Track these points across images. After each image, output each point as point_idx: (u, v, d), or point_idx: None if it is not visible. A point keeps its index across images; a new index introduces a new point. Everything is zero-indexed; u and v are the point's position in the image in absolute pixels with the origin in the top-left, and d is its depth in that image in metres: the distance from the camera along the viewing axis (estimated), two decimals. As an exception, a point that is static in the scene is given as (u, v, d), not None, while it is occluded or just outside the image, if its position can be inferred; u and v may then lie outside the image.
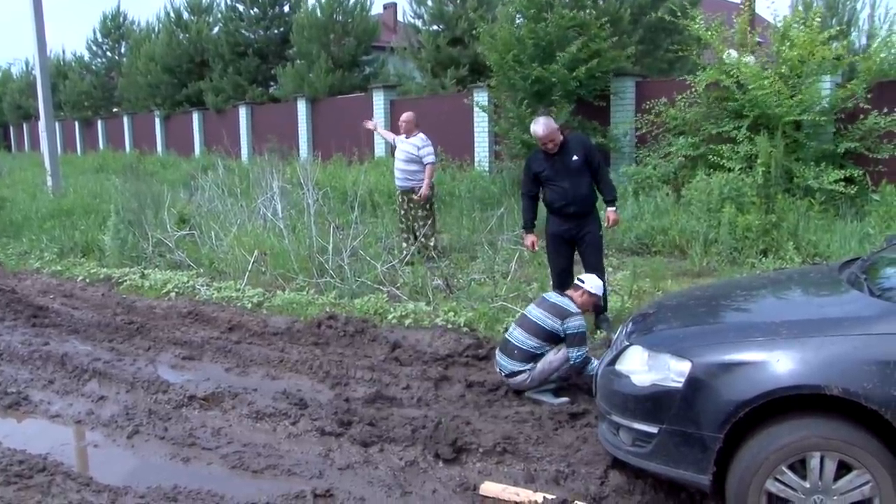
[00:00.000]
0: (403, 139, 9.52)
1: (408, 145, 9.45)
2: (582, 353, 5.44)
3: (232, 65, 24.55)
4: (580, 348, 5.44)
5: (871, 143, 10.54)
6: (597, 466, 4.40)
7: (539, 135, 6.48)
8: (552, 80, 12.52)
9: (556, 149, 6.50)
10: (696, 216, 9.96)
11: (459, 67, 18.50)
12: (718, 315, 4.39)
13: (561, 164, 6.49)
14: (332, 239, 8.83)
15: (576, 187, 6.47)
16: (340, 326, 7.00)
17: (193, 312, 7.94)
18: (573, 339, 5.45)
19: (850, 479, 3.37)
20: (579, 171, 6.49)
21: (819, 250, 9.03)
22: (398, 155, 9.55)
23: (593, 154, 6.67)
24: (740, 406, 3.48)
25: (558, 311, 5.53)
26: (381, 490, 4.22)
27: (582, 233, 6.60)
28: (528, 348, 5.48)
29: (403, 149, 9.47)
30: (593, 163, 6.59)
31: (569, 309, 5.54)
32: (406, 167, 9.44)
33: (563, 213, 6.54)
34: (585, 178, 6.53)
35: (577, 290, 5.76)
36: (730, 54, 11.40)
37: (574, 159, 6.49)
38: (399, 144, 9.59)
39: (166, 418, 5.26)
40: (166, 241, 10.38)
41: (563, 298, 5.65)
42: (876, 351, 3.35)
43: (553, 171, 6.51)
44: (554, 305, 5.58)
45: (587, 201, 6.57)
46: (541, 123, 6.51)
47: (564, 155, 6.51)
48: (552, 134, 6.45)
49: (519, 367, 5.47)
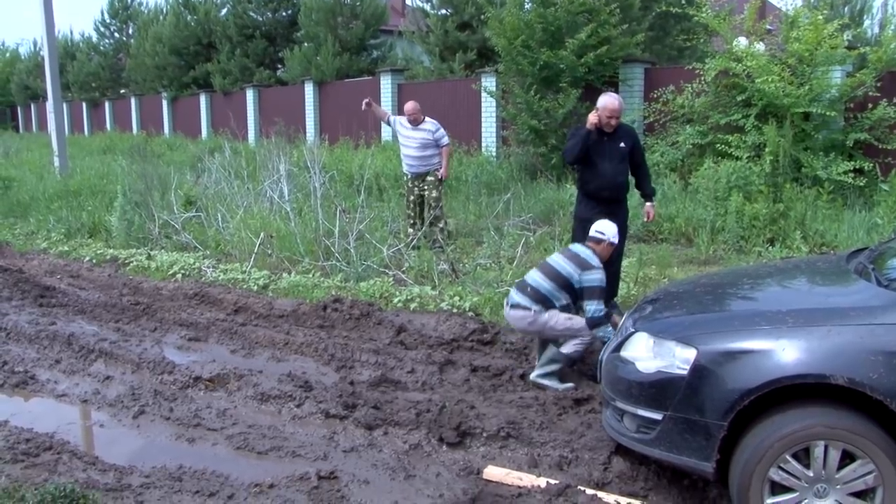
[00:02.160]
0: (410, 128, 9.44)
1: (420, 132, 9.39)
2: (599, 308, 5.43)
3: (239, 47, 24.51)
4: (598, 302, 5.43)
5: (881, 134, 10.48)
6: (600, 452, 4.41)
7: (614, 105, 6.39)
8: (560, 66, 12.46)
9: (613, 128, 6.47)
10: (703, 204, 9.94)
11: (467, 52, 18.42)
12: (724, 303, 4.39)
13: (609, 146, 6.47)
14: (339, 222, 8.84)
15: (614, 173, 6.46)
16: (346, 309, 7.02)
17: (199, 294, 7.96)
18: (591, 291, 5.45)
19: (853, 469, 3.38)
20: (622, 159, 6.50)
21: (826, 240, 9.01)
22: (409, 143, 9.45)
23: (640, 147, 6.74)
24: (745, 394, 3.49)
25: (579, 262, 5.54)
26: (385, 473, 4.24)
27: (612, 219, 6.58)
28: (542, 290, 5.50)
29: (415, 136, 9.39)
30: (637, 155, 6.64)
31: (589, 261, 5.54)
32: (421, 153, 9.41)
33: (597, 196, 6.51)
34: (624, 167, 6.55)
35: (599, 243, 5.70)
36: (739, 42, 11.33)
37: (622, 146, 6.49)
38: (408, 133, 9.46)
39: (172, 399, 5.29)
40: (173, 223, 10.39)
41: (586, 250, 5.65)
42: (882, 341, 3.35)
43: (598, 149, 6.47)
44: (576, 255, 5.60)
45: (621, 189, 6.58)
46: (616, 97, 6.52)
47: (614, 139, 6.50)
48: (620, 111, 6.45)
49: (526, 302, 5.49)
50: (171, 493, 3.99)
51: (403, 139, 9.54)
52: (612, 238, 5.72)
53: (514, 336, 6.34)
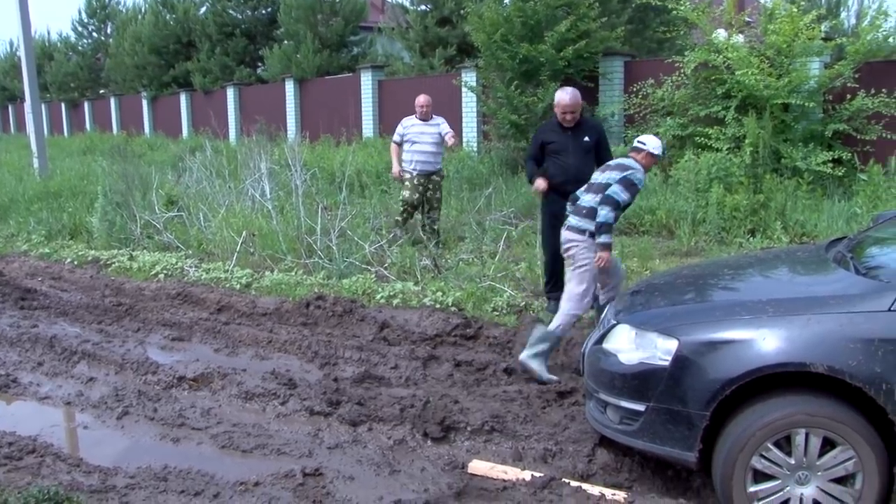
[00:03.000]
0: (423, 123, 9.12)
1: (433, 128, 9.12)
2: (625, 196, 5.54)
3: (219, 45, 24.40)
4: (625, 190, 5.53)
5: (859, 124, 10.56)
6: (584, 444, 4.44)
7: (565, 101, 6.44)
8: (540, 60, 12.48)
9: (573, 122, 6.49)
10: (683, 196, 9.99)
11: (447, 47, 18.43)
12: (705, 294, 4.42)
13: (572, 140, 6.50)
14: (320, 219, 8.83)
15: (580, 166, 6.44)
16: (329, 307, 7.02)
17: (182, 294, 7.94)
18: (625, 181, 5.55)
19: (834, 455, 3.43)
20: (587, 153, 6.51)
21: (806, 230, 9.08)
22: (424, 139, 9.05)
23: (605, 141, 6.72)
24: (727, 384, 3.53)
25: (620, 167, 5.66)
26: (369, 469, 4.25)
27: None
28: (594, 204, 5.59)
29: (431, 131, 9.08)
30: (602, 149, 6.63)
31: (631, 165, 5.64)
32: (435, 150, 9.12)
33: (562, 190, 6.49)
34: (590, 161, 6.53)
35: (639, 153, 5.76)
36: (718, 34, 11.39)
37: (586, 140, 6.50)
38: (423, 129, 9.10)
39: (156, 399, 5.27)
40: (154, 223, 10.34)
41: (627, 159, 5.76)
42: (861, 329, 3.40)
43: (562, 144, 6.50)
44: (619, 164, 5.72)
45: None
46: (568, 91, 6.53)
47: (578, 133, 6.52)
48: (576, 105, 6.45)
49: (584, 224, 5.63)
50: (157, 493, 3.98)
51: (417, 136, 9.08)
52: (654, 149, 5.77)
53: (497, 330, 6.38)
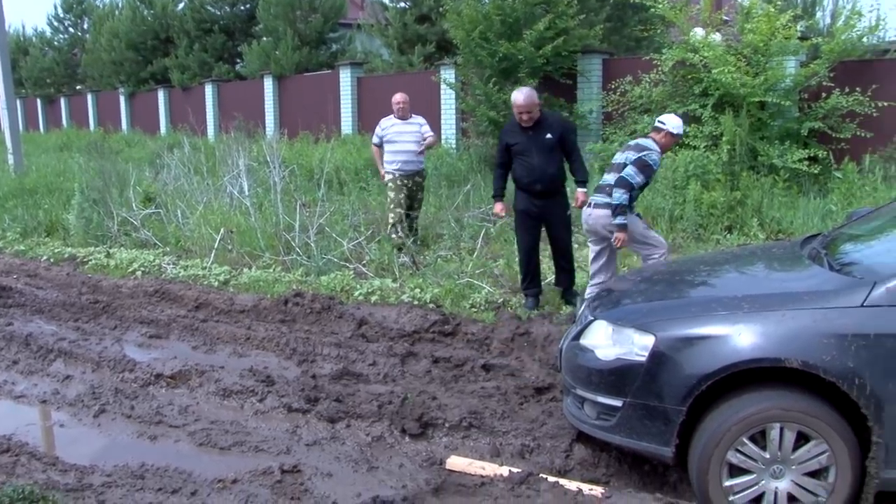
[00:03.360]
0: (401, 122, 8.83)
1: (413, 126, 8.84)
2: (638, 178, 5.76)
3: (198, 41, 24.22)
4: (639, 172, 5.78)
5: (834, 123, 10.66)
6: (562, 440, 4.47)
7: (518, 102, 6.43)
8: (519, 58, 12.50)
9: (530, 122, 6.46)
10: (661, 193, 10.04)
11: (426, 44, 18.41)
12: (682, 290, 4.46)
13: (534, 139, 6.47)
14: (299, 216, 8.81)
15: (545, 165, 6.45)
16: (307, 304, 7.01)
17: (160, 291, 7.90)
18: (640, 162, 5.81)
19: (808, 449, 3.47)
20: (551, 150, 6.48)
21: (783, 227, 9.16)
22: (404, 138, 8.73)
23: (568, 135, 6.67)
24: (703, 379, 3.56)
25: (637, 147, 5.87)
26: (348, 465, 4.25)
27: (549, 211, 6.60)
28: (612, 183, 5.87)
29: (410, 129, 8.79)
30: (567, 143, 6.59)
31: (648, 145, 5.84)
32: (416, 148, 8.76)
33: (531, 189, 6.54)
34: (556, 158, 6.52)
35: (659, 132, 5.96)
36: (695, 33, 11.46)
37: (548, 137, 6.47)
38: (402, 128, 8.80)
39: (133, 397, 5.25)
40: (132, 220, 10.28)
41: (646, 139, 5.97)
42: (835, 324, 3.44)
43: (525, 145, 6.49)
44: (637, 144, 5.93)
45: (554, 181, 6.55)
46: (522, 92, 6.51)
47: (539, 132, 6.49)
48: (530, 105, 6.40)
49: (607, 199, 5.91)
50: (133, 491, 3.97)
51: (396, 136, 8.76)
52: (673, 129, 5.96)
53: (475, 327, 6.39)
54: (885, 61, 11.18)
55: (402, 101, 8.90)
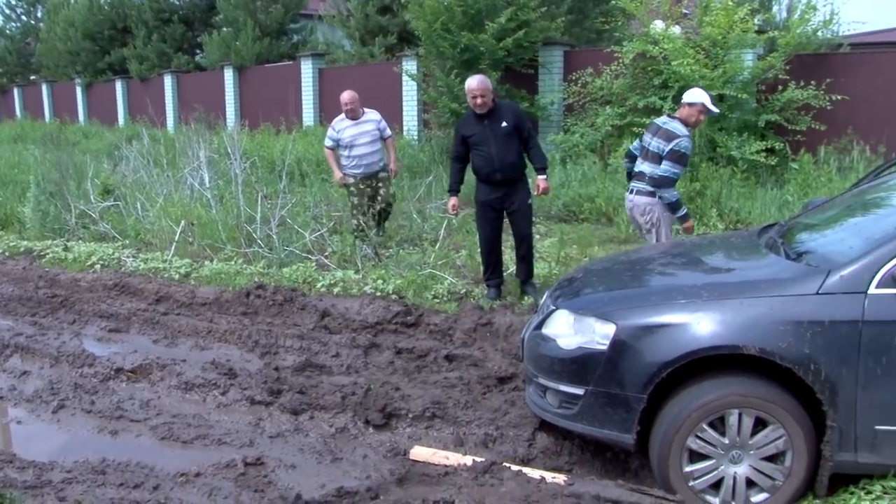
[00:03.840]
0: (353, 123, 8.40)
1: (367, 125, 8.43)
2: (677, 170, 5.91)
3: (156, 32, 23.89)
4: (675, 165, 5.89)
5: (790, 115, 10.84)
6: (525, 429, 4.51)
7: (472, 86, 6.42)
8: (481, 49, 12.53)
9: (485, 108, 6.44)
10: (622, 184, 10.10)
11: (388, 36, 18.35)
12: (642, 279, 4.51)
13: (490, 129, 6.46)
14: (260, 208, 8.75)
15: (503, 154, 6.43)
16: (269, 296, 6.97)
17: (119, 284, 7.80)
18: (672, 155, 5.89)
19: (765, 434, 3.55)
20: (508, 138, 6.45)
21: (741, 217, 9.30)
22: (358, 140, 8.34)
23: (523, 122, 6.62)
24: (663, 367, 3.61)
25: (667, 136, 5.94)
26: (311, 457, 4.25)
27: (510, 201, 6.58)
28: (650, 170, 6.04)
29: (364, 130, 8.38)
30: (523, 131, 6.55)
31: (675, 132, 5.94)
32: (373, 149, 8.41)
33: (491, 180, 6.53)
34: (514, 146, 6.50)
35: (684, 108, 6.09)
36: (655, 25, 11.56)
37: (503, 125, 6.45)
38: (354, 129, 8.39)
39: (93, 392, 5.19)
40: (90, 213, 10.14)
41: (671, 121, 6.06)
42: (790, 312, 3.50)
43: (482, 135, 6.47)
44: (667, 132, 5.99)
45: (514, 169, 6.54)
46: (477, 77, 6.51)
47: (494, 121, 6.47)
48: (484, 89, 6.38)
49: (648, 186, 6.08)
50: (95, 486, 3.92)
51: (350, 139, 8.36)
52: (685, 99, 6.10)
53: (438, 318, 6.41)
54: (838, 55, 11.39)
55: (350, 102, 8.37)
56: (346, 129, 8.39)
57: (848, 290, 3.48)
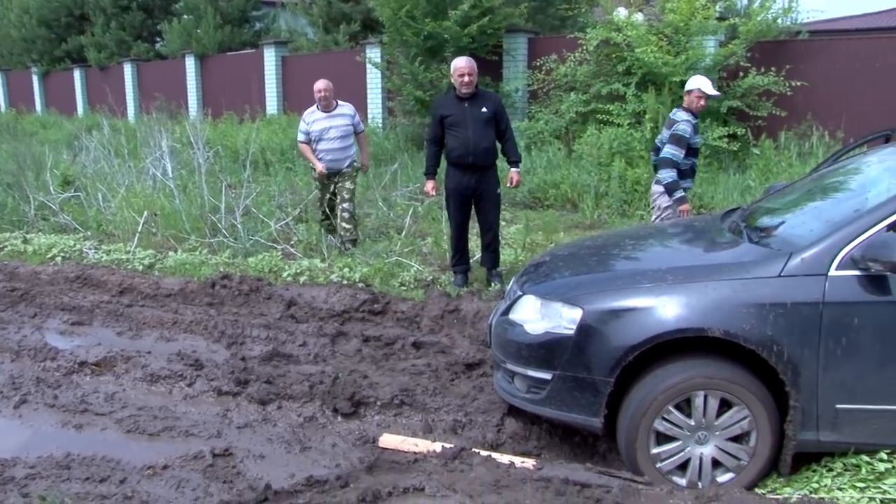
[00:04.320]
0: (325, 115, 7.92)
1: (340, 119, 7.96)
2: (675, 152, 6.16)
3: (115, 19, 23.51)
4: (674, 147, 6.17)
5: (752, 101, 10.98)
6: (493, 415, 4.52)
7: (460, 65, 6.46)
8: (445, 37, 12.51)
9: (471, 88, 6.47)
10: (586, 170, 10.20)
11: (352, 23, 18.24)
12: (608, 264, 4.53)
13: (470, 111, 6.48)
14: (224, 198, 8.67)
15: (478, 138, 6.44)
16: (235, 286, 6.91)
17: (81, 277, 7.68)
18: (673, 138, 6.21)
19: (730, 415, 3.60)
20: (485, 124, 6.49)
21: (704, 202, 9.41)
22: (329, 134, 7.87)
23: (503, 112, 6.69)
24: (629, 350, 3.64)
25: (669, 122, 6.36)
26: (280, 446, 4.23)
27: (481, 188, 6.60)
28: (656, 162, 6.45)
29: (336, 124, 7.91)
30: (501, 121, 6.61)
31: (675, 118, 6.30)
32: (343, 144, 7.94)
33: (463, 163, 6.52)
34: (489, 132, 6.52)
35: (689, 94, 6.36)
36: (618, 12, 11.62)
37: (483, 111, 6.48)
38: (326, 122, 7.90)
39: (56, 386, 5.10)
40: (50, 204, 9.97)
41: (677, 111, 6.39)
42: (754, 294, 3.56)
43: (460, 116, 6.48)
44: (669, 119, 6.38)
45: (488, 155, 6.54)
46: (464, 58, 6.62)
47: (474, 105, 6.50)
48: (472, 69, 6.45)
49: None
50: (59, 482, 3.86)
51: (319, 132, 7.88)
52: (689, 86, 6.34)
53: (405, 305, 6.40)
54: (797, 42, 11.55)
55: (324, 90, 7.87)
56: (315, 122, 7.92)
57: (809, 272, 3.54)
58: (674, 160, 6.15)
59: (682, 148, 6.16)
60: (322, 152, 7.93)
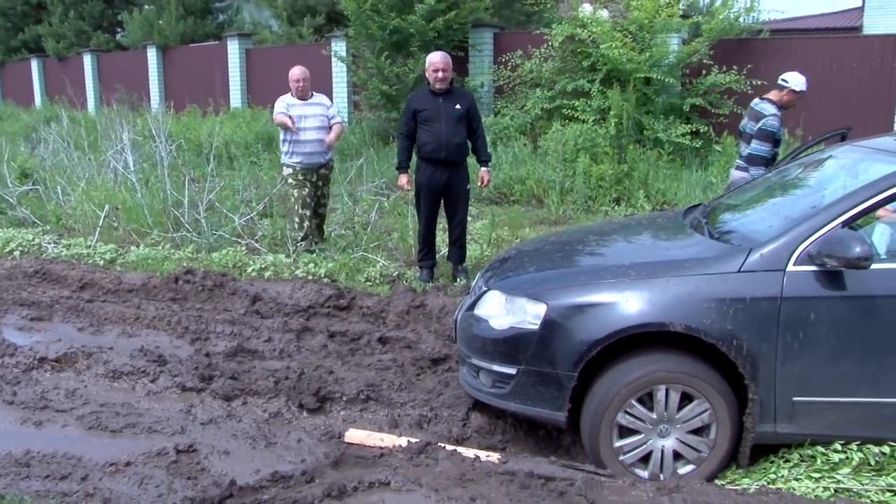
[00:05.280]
0: (301, 103, 7.43)
1: (316, 108, 7.49)
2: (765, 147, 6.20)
3: (73, 9, 23.15)
4: (763, 143, 6.20)
5: (714, 99, 11.15)
6: (459, 409, 4.55)
7: (434, 59, 6.53)
8: (410, 31, 12.49)
9: (445, 83, 6.52)
10: (552, 166, 10.25)
11: (316, 16, 18.15)
12: (572, 259, 4.58)
13: (443, 107, 6.53)
14: (188, 192, 8.59)
15: (451, 133, 6.49)
16: (198, 281, 6.86)
17: (41, 271, 7.56)
18: (761, 133, 6.23)
19: (691, 408, 3.67)
20: (458, 120, 6.55)
21: (667, 198, 9.51)
22: (306, 125, 7.34)
23: (476, 111, 6.76)
24: (593, 345, 3.69)
25: (756, 115, 6.33)
26: (245, 442, 4.21)
27: (452, 184, 6.64)
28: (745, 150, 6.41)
29: (313, 112, 7.42)
30: (473, 120, 6.67)
31: (763, 111, 6.28)
32: (319, 136, 7.41)
33: (434, 157, 6.54)
34: (461, 129, 6.58)
35: (782, 91, 6.32)
36: (584, 9, 11.69)
37: (457, 107, 6.54)
38: (302, 110, 7.39)
39: (14, 382, 5.02)
40: (7, 198, 9.81)
41: (762, 102, 6.36)
42: (714, 289, 3.62)
43: (433, 111, 6.52)
44: (756, 112, 6.34)
45: (459, 151, 6.59)
46: (439, 53, 6.67)
47: (448, 100, 6.56)
48: (447, 64, 6.52)
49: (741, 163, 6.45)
50: (19, 479, 3.81)
51: (297, 120, 7.33)
52: (796, 86, 6.30)
53: (371, 300, 6.41)
54: (759, 41, 11.73)
55: (301, 79, 7.42)
56: (291, 108, 7.37)
57: (767, 267, 3.60)
58: (764, 157, 6.23)
59: (770, 143, 6.27)
60: (299, 144, 7.38)
